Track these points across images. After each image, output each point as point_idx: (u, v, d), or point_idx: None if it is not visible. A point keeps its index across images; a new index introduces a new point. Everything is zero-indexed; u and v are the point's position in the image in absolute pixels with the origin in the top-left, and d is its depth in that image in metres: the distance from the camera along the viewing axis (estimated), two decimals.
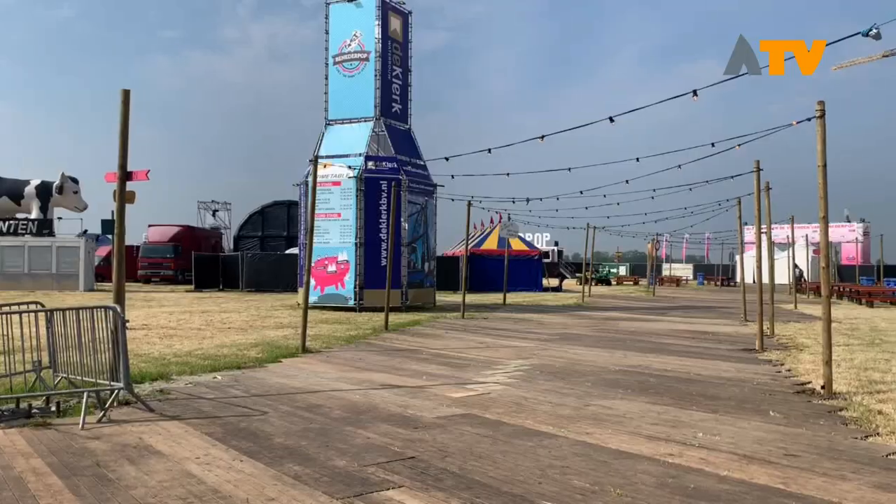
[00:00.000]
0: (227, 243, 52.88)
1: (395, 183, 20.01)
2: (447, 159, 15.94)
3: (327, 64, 24.04)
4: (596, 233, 36.21)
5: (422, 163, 24.51)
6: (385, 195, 21.78)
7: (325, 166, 19.00)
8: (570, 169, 18.51)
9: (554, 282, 43.74)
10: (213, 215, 59.96)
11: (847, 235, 73.79)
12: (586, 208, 27.97)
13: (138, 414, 7.19)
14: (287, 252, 37.07)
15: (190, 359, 10.90)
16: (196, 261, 36.29)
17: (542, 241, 66.99)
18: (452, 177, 19.03)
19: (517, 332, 16.50)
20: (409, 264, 23.00)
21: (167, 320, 17.77)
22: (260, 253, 38.99)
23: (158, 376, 9.29)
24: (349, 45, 23.72)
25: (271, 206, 46.93)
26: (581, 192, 22.26)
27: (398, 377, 9.78)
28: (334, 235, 22.25)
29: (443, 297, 28.70)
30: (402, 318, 19.35)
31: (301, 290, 16.28)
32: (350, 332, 15.46)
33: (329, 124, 23.89)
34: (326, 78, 23.99)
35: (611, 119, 11.94)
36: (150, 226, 46.83)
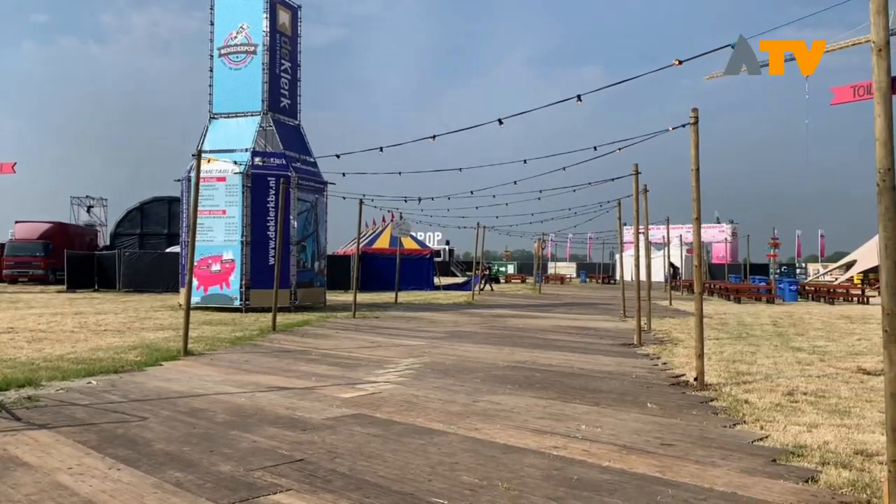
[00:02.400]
0: (104, 241, 50.15)
1: (283, 180, 19.59)
2: (338, 157, 15.76)
3: (212, 56, 23.24)
4: (486, 232, 36.83)
5: (312, 160, 24.12)
6: (273, 192, 21.28)
7: (209, 161, 18.37)
8: (460, 169, 18.73)
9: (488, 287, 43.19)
10: (88, 211, 56.68)
11: (717, 236, 78.55)
12: (476, 208, 28.36)
13: (2, 423, 6.70)
14: (168, 250, 35.56)
15: (62, 363, 10.26)
16: (69, 259, 34.17)
17: (433, 240, 67.48)
18: (343, 174, 18.83)
19: (408, 331, 16.54)
20: (298, 263, 22.59)
21: (36, 322, 16.65)
22: (139, 251, 37.24)
23: (26, 382, 8.68)
24: (235, 37, 23.03)
25: (151, 202, 44.89)
26: (472, 193, 22.58)
27: (286, 379, 9.58)
28: (219, 233, 21.54)
29: (334, 297, 28.37)
30: (291, 318, 18.99)
31: (183, 291, 15.64)
32: (236, 334, 15.02)
33: (214, 118, 23.11)
34: (211, 70, 23.19)
35: (500, 121, 12.16)
36: (17, 222, 43.85)
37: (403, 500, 4.72)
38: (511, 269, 75.39)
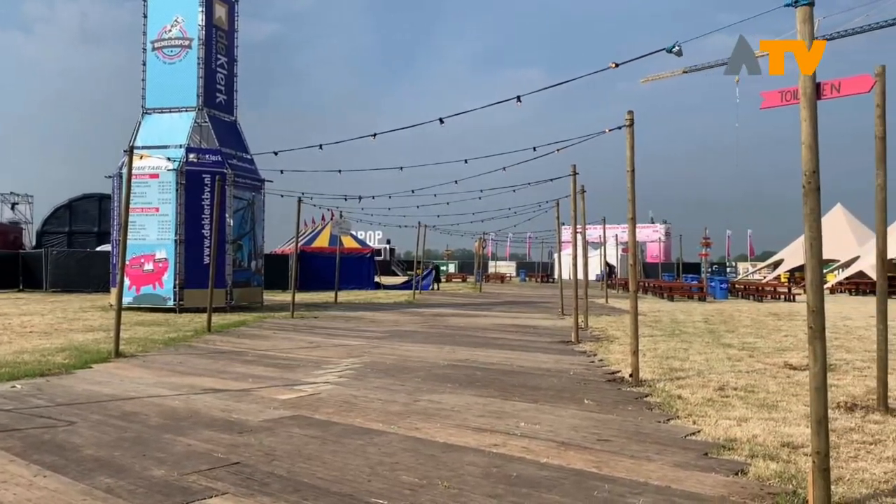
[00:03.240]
0: (29, 240, 48.17)
1: (219, 177, 19.19)
2: (276, 153, 15.48)
3: (145, 49, 22.60)
4: (427, 231, 36.84)
5: (249, 156, 23.67)
6: (208, 189, 20.83)
7: (141, 157, 17.85)
8: (401, 168, 18.66)
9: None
10: (13, 209, 54.24)
11: (651, 235, 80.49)
12: (417, 207, 28.26)
13: None
14: (98, 249, 34.41)
15: None
16: None
17: (374, 239, 67.18)
18: (282, 172, 18.48)
19: (349, 331, 16.41)
20: (234, 262, 22.16)
21: None
22: (67, 250, 35.87)
23: None
24: (170, 30, 22.43)
25: (80, 199, 43.27)
26: (413, 192, 22.53)
27: (222, 381, 9.39)
28: (152, 231, 20.96)
29: (271, 297, 27.95)
30: (227, 318, 18.61)
31: (114, 291, 15.16)
32: (169, 335, 14.64)
33: (147, 113, 22.47)
34: (144, 64, 22.54)
35: (441, 120, 12.16)
36: None
37: (342, 501, 4.67)
38: (452, 268, 75.65)
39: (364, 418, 7.13)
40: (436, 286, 44.03)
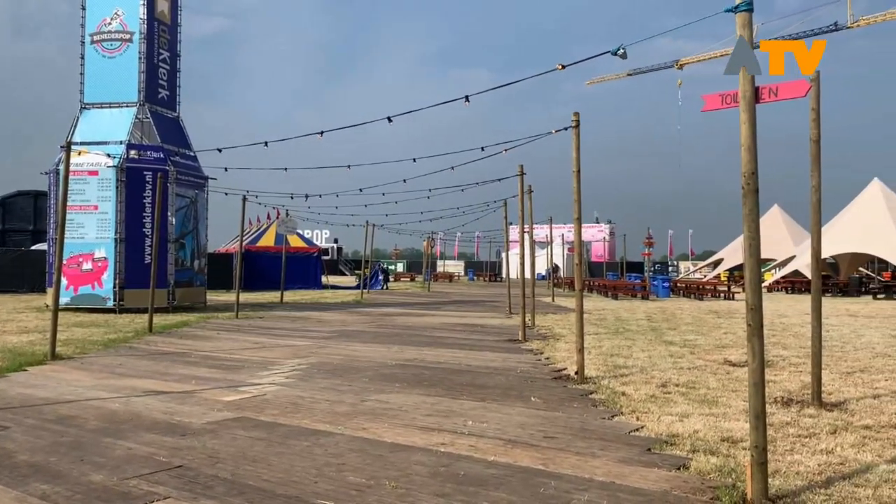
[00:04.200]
0: None
1: (160, 174, 18.70)
2: (220, 151, 15.19)
3: (83, 42, 21.92)
4: (375, 230, 36.67)
5: (192, 153, 23.20)
6: (150, 187, 20.32)
7: (79, 153, 17.32)
8: (349, 166, 18.56)
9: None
10: None
11: (596, 235, 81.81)
12: (365, 206, 28.26)
13: None
14: (34, 248, 33.27)
15: None
16: None
17: (321, 238, 66.56)
18: (226, 169, 18.17)
19: (295, 331, 16.22)
20: (176, 262, 21.67)
21: None
22: (0, 249, 34.58)
23: None
24: (109, 23, 21.82)
25: (15, 196, 41.66)
26: (360, 190, 22.41)
27: (164, 383, 9.17)
28: (90, 230, 20.35)
29: (215, 297, 27.45)
30: (169, 319, 18.19)
31: (51, 291, 14.68)
32: (109, 336, 14.24)
33: (85, 108, 21.80)
34: (82, 57, 21.86)
35: (389, 119, 12.12)
36: None
37: (288, 502, 4.61)
38: (400, 267, 75.47)
39: (311, 419, 7.06)
40: (386, 286, 44.21)
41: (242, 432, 6.50)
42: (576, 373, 9.56)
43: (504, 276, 45.87)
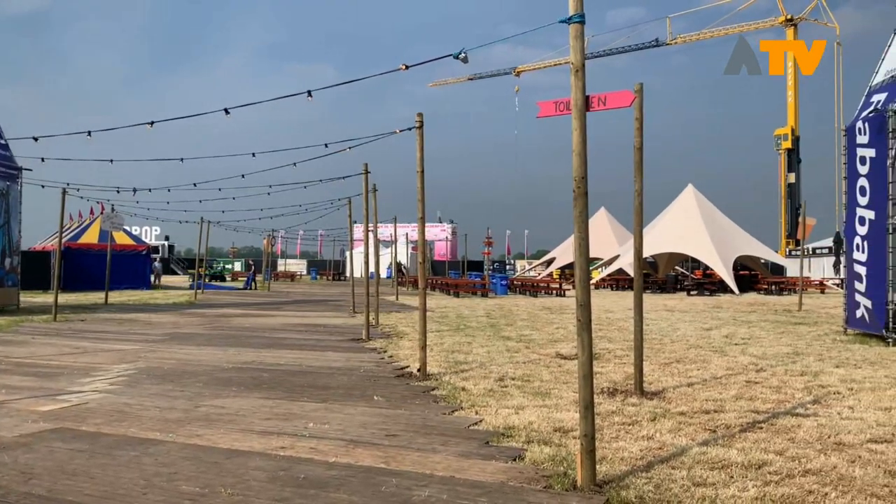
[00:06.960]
0: None
1: None
2: (36, 139, 13.91)
3: None
4: (211, 227, 35.12)
5: (3, 142, 21.13)
6: None
7: None
8: (182, 159, 17.58)
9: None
10: None
11: (440, 234, 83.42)
12: (200, 201, 26.77)
13: None
14: None
15: None
16: None
17: (151, 235, 62.91)
18: (43, 160, 16.67)
19: (121, 334, 15.21)
20: None
21: None
22: None
23: None
24: None
25: None
26: (195, 185, 21.33)
27: None
28: None
29: (30, 298, 25.18)
30: None
31: None
32: None
33: None
34: None
35: (226, 111, 11.63)
36: None
37: None
38: (238, 266, 72.87)
39: (139, 427, 6.64)
40: (254, 286, 43.93)
41: (61, 444, 5.99)
42: (418, 370, 9.67)
43: (348, 274, 45.70)
